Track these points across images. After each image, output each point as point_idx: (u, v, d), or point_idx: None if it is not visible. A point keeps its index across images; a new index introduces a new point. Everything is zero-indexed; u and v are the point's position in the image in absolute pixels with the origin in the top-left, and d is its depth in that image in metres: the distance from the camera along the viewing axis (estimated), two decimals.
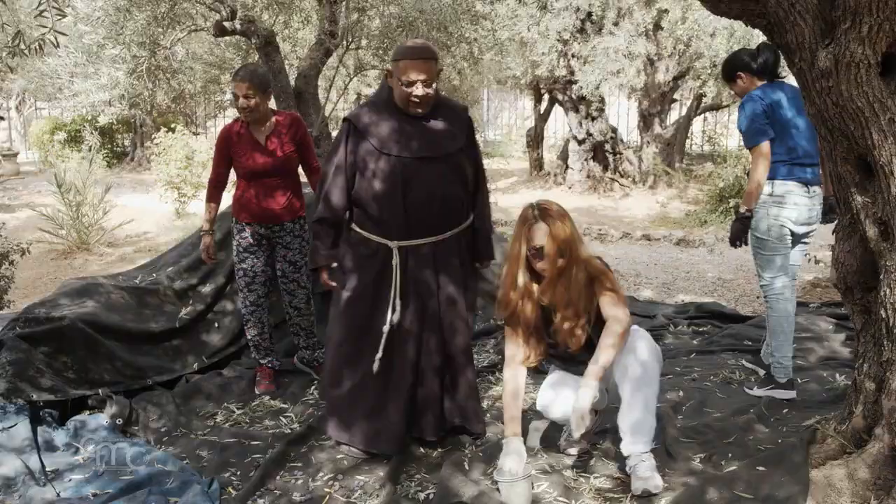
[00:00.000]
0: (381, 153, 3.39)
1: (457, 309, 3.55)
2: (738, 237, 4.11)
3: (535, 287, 3.20)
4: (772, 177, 3.96)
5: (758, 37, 9.82)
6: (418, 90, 3.32)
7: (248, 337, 4.51)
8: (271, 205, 4.28)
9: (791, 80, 3.57)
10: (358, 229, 3.52)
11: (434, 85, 3.39)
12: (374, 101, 3.57)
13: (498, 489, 3.08)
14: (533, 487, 3.10)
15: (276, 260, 4.43)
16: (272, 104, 4.47)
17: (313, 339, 4.65)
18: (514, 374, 3.27)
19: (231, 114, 15.77)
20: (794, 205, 3.97)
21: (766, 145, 3.94)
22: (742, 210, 4.06)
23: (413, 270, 3.46)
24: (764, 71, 4.07)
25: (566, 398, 3.20)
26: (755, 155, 3.97)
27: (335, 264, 3.60)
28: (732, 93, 5.19)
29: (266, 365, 4.52)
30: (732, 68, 4.17)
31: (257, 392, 4.40)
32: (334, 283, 3.61)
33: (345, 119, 3.54)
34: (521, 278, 3.18)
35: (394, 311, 3.44)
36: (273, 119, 4.32)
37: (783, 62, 3.67)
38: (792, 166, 3.97)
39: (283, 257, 4.40)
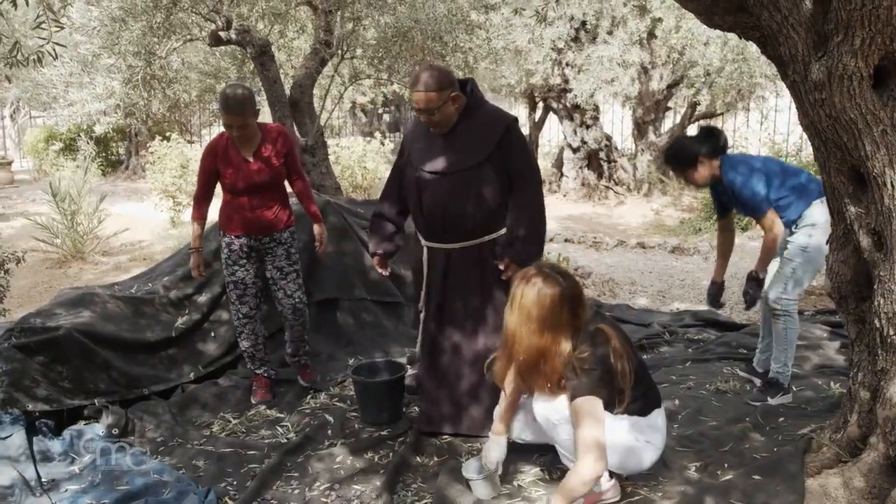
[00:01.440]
0: (410, 163, 3.78)
1: (467, 319, 3.73)
2: (755, 301, 4.17)
3: None
4: (810, 201, 3.96)
5: (753, 44, 9.87)
6: (423, 117, 3.59)
7: (242, 348, 4.51)
8: (258, 217, 4.26)
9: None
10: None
11: (439, 111, 3.53)
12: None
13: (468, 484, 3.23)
14: (499, 482, 3.20)
15: (265, 269, 4.42)
16: (266, 114, 4.46)
17: (302, 348, 4.66)
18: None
19: None
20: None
21: (772, 210, 3.95)
22: (760, 275, 4.08)
23: (435, 272, 3.77)
24: (720, 151, 4.07)
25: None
26: (767, 221, 3.95)
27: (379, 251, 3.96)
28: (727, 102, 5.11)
29: (262, 374, 4.51)
30: (691, 155, 4.04)
31: (253, 401, 4.40)
32: (384, 272, 4.01)
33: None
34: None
35: (419, 302, 3.89)
36: (259, 134, 4.26)
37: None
38: (817, 188, 3.99)
39: (270, 264, 4.39)
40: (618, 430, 2.94)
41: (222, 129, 4.29)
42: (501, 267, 3.62)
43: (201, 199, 4.34)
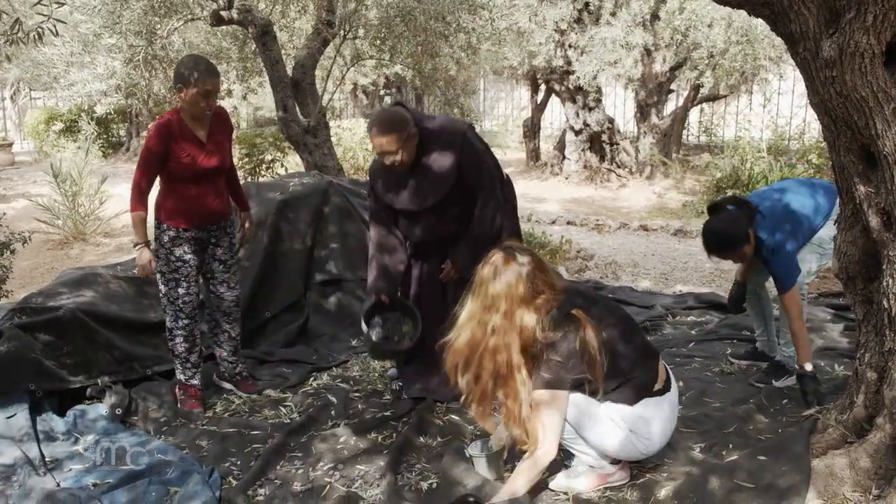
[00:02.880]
0: (384, 202, 3.94)
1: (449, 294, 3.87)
2: (818, 398, 3.72)
3: None
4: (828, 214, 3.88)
5: (757, 25, 9.82)
6: (386, 159, 3.68)
7: (176, 353, 4.10)
8: (207, 207, 4.01)
9: None
10: None
11: (403, 150, 3.66)
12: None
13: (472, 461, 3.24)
14: (502, 466, 3.20)
15: (204, 261, 4.14)
16: (268, 94, 4.38)
17: (239, 351, 4.36)
18: None
19: (227, 103, 15.66)
20: None
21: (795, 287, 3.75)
22: (806, 367, 3.71)
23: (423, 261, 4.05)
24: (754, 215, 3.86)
25: None
26: (790, 299, 3.71)
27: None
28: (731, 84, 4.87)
29: (196, 385, 4.16)
30: (744, 232, 3.78)
31: (183, 409, 4.04)
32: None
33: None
34: None
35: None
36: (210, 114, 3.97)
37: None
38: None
39: (212, 256, 4.13)
40: (599, 416, 2.90)
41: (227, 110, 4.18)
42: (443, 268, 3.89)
43: (146, 187, 3.93)
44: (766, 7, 2.72)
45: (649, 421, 2.94)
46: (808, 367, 3.69)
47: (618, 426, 2.91)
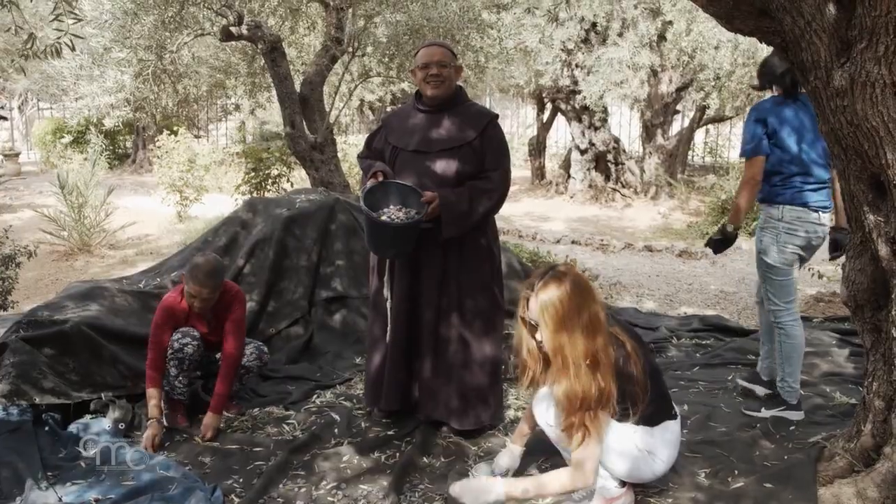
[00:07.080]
0: (388, 142, 3.85)
1: (447, 295, 3.74)
2: (718, 251, 4.12)
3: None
4: (781, 201, 3.81)
5: (764, 48, 9.84)
6: (432, 70, 3.68)
7: (173, 375, 4.01)
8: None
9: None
10: None
11: (448, 70, 3.69)
12: (406, 102, 4.03)
13: None
14: None
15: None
16: (276, 111, 4.38)
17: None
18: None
19: (235, 118, 15.73)
20: (804, 232, 3.81)
21: (759, 160, 3.81)
22: (730, 228, 3.97)
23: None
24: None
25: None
26: (750, 167, 3.82)
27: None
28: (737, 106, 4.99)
29: (180, 400, 4.10)
30: (777, 71, 3.93)
31: (165, 424, 3.94)
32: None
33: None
34: (525, 342, 2.98)
35: (387, 286, 3.83)
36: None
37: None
38: (801, 191, 3.79)
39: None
40: (619, 436, 2.90)
41: (232, 123, 4.20)
42: (426, 195, 3.56)
43: (158, 363, 3.93)
44: (778, 35, 2.73)
45: (665, 444, 2.95)
46: (730, 227, 4.01)
47: (634, 446, 2.90)
